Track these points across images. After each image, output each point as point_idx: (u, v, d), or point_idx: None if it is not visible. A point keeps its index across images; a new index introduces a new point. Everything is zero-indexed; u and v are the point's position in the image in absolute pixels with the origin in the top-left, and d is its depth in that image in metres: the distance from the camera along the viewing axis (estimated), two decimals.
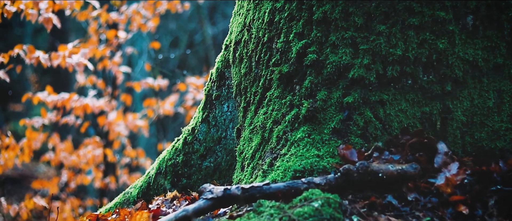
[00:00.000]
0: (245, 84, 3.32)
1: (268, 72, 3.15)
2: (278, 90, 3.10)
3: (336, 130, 2.88)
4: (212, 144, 3.54)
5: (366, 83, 2.90)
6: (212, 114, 3.57)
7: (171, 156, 3.64)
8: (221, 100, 3.56)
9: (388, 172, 2.61)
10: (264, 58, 3.19)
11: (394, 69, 2.88)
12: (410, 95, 2.89)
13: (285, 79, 3.07)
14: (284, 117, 3.04)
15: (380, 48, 2.89)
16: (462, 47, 2.87)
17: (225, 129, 3.52)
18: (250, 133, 3.19)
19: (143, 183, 3.70)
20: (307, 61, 2.99)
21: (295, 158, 2.85)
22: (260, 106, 3.18)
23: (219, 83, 3.59)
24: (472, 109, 2.85)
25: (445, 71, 2.84)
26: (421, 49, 2.86)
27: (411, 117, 2.88)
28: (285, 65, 3.08)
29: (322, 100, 2.94)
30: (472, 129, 2.84)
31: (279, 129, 3.02)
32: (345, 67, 2.92)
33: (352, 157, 2.81)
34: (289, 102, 3.03)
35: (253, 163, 3.07)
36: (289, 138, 2.96)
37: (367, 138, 2.86)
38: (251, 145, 3.15)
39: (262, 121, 3.12)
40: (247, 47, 3.32)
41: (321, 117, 2.92)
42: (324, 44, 2.97)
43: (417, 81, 2.87)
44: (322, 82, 2.95)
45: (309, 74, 3.00)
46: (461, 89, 2.84)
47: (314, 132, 2.91)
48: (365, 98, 2.89)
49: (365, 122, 2.87)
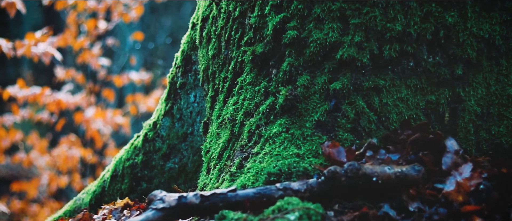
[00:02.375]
0: (213, 68, 2.78)
1: (239, 53, 2.63)
2: (250, 75, 2.58)
3: (321, 123, 2.41)
4: (176, 141, 3.02)
5: (358, 66, 2.48)
6: (176, 105, 3.05)
7: (129, 156, 3.12)
8: (187, 89, 3.04)
9: (384, 176, 2.31)
10: (235, 37, 2.67)
11: (392, 48, 2.47)
12: (412, 81, 2.52)
13: (259, 62, 2.56)
14: (258, 107, 2.52)
15: (375, 23, 2.44)
16: (476, 22, 2.52)
17: (191, 123, 3.00)
18: (218, 128, 2.66)
19: (97, 187, 3.18)
20: (285, 40, 2.49)
21: (270, 157, 2.37)
22: (230, 95, 2.66)
23: (185, 69, 3.06)
24: (488, 98, 2.53)
25: (455, 51, 2.51)
26: (425, 24, 2.51)
27: (413, 107, 2.50)
28: (260, 44, 2.56)
29: (303, 87, 2.45)
30: (489, 122, 2.53)
31: (251, 122, 2.50)
32: (332, 46, 2.45)
33: (340, 156, 2.38)
34: (263, 90, 2.52)
35: (220, 164, 2.56)
36: (263, 133, 2.45)
37: (358, 133, 2.44)
38: (219, 142, 2.62)
39: (231, 112, 2.60)
40: (215, 24, 2.79)
41: (302, 107, 2.43)
42: (307, 18, 2.48)
43: (421, 63, 2.52)
44: (304, 64, 2.46)
45: (288, 55, 2.49)
46: (474, 73, 2.53)
47: (294, 126, 2.41)
48: (357, 84, 2.45)
49: (357, 113, 2.43)
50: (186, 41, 3.10)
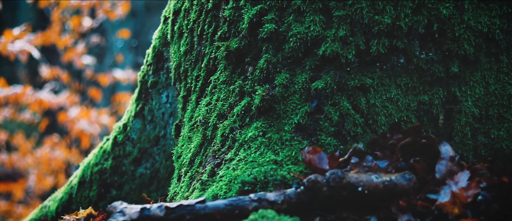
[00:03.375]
0: (185, 66, 2.55)
1: (213, 49, 2.40)
2: (224, 73, 2.34)
3: (301, 127, 2.20)
4: (148, 144, 2.79)
5: (343, 63, 2.27)
6: (147, 106, 2.82)
7: (98, 160, 2.89)
8: (158, 89, 2.80)
9: (371, 185, 2.12)
10: (209, 31, 2.44)
11: (380, 43, 2.27)
12: (402, 80, 2.32)
13: (234, 59, 2.33)
14: (232, 108, 2.29)
15: (362, 15, 2.23)
16: (474, 14, 2.32)
17: (164, 126, 2.78)
18: (190, 131, 2.43)
19: (64, 194, 2.95)
20: (262, 34, 2.27)
21: (245, 164, 2.16)
22: (203, 95, 2.43)
23: (156, 67, 2.83)
24: (487, 98, 2.33)
25: (450, 46, 2.30)
26: (417, 16, 2.30)
27: (404, 109, 2.30)
28: (234, 39, 2.32)
29: (282, 86, 2.22)
30: (487, 124, 2.32)
31: (225, 125, 2.27)
32: (314, 41, 2.25)
33: (322, 163, 2.16)
34: (238, 90, 2.29)
35: (191, 171, 2.33)
36: (237, 137, 2.22)
37: (343, 137, 2.23)
38: (190, 146, 2.39)
39: (204, 114, 2.37)
40: (187, 17, 2.55)
41: (281, 109, 2.20)
42: (286, 10, 2.26)
43: (412, 60, 2.31)
44: (283, 61, 2.23)
45: (265, 51, 2.26)
46: (471, 71, 2.32)
47: (271, 129, 2.19)
48: (341, 83, 2.23)
49: (341, 115, 2.22)
50: (158, 36, 2.87)
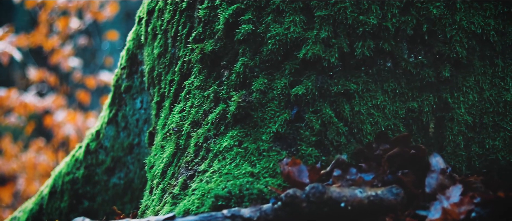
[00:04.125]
0: (159, 70, 2.38)
1: (187, 52, 2.23)
2: (199, 77, 2.18)
3: (280, 136, 2.04)
4: (121, 153, 2.63)
5: (325, 67, 2.11)
6: (121, 112, 2.66)
7: (69, 169, 2.73)
8: (132, 94, 2.64)
9: (354, 200, 1.95)
10: (183, 33, 2.28)
11: (365, 45, 2.11)
12: (389, 85, 2.16)
13: (208, 62, 2.16)
14: (207, 116, 2.12)
15: (345, 15, 2.06)
16: (466, 14, 2.16)
17: (138, 133, 2.61)
18: (163, 139, 2.27)
19: (34, 205, 2.79)
20: (239, 35, 2.11)
21: (219, 177, 1.99)
22: (177, 101, 2.25)
23: (130, 70, 2.66)
24: (481, 105, 2.17)
25: (441, 49, 2.15)
26: (405, 16, 2.14)
27: (391, 117, 2.15)
28: (210, 41, 2.16)
29: (259, 92, 2.06)
30: (482, 134, 2.17)
31: (198, 134, 2.11)
32: (294, 43, 2.08)
33: (301, 176, 2.00)
34: (213, 95, 2.13)
35: (163, 183, 2.17)
36: (211, 147, 2.06)
37: (325, 147, 2.08)
38: (163, 156, 2.23)
39: (177, 121, 2.20)
40: (161, 18, 2.39)
41: (258, 117, 2.05)
42: (264, 10, 2.10)
43: (400, 63, 2.16)
44: (261, 65, 2.07)
45: (242, 53, 2.10)
46: (464, 76, 2.17)
47: (248, 139, 2.03)
48: (323, 88, 2.09)
49: (323, 123, 2.06)
50: (132, 38, 2.70)
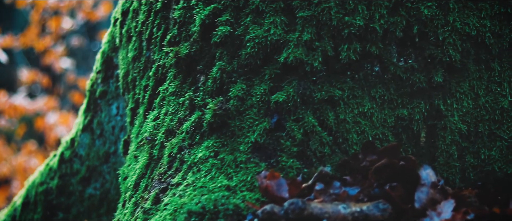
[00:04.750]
0: (134, 74, 2.23)
1: (162, 55, 2.07)
2: (174, 83, 2.03)
3: (259, 146, 1.88)
4: (97, 162, 2.47)
5: (307, 72, 1.93)
6: (96, 118, 2.49)
7: (43, 179, 2.57)
8: (108, 99, 2.48)
9: (337, 217, 1.79)
10: (158, 35, 2.12)
11: (351, 49, 1.94)
12: (377, 91, 1.99)
13: (184, 66, 2.01)
14: (181, 124, 1.97)
15: (330, 16, 1.89)
16: (460, 15, 1.99)
17: (114, 141, 2.45)
18: (136, 149, 2.12)
19: (6, 217, 2.63)
20: (216, 38, 1.94)
21: (193, 191, 1.84)
22: (151, 108, 2.09)
23: (105, 74, 2.50)
24: (476, 112, 2.00)
25: (433, 52, 1.99)
26: (394, 17, 1.98)
27: (379, 125, 1.98)
28: (185, 44, 2.01)
29: (237, 99, 1.90)
30: (477, 143, 2.00)
31: (172, 144, 1.96)
32: (275, 47, 1.92)
33: (281, 191, 1.84)
34: (188, 102, 1.97)
35: (136, 196, 2.01)
36: (186, 158, 1.90)
37: (308, 158, 1.91)
38: (136, 167, 2.07)
39: (151, 130, 2.04)
40: (136, 19, 2.24)
41: (236, 125, 1.89)
42: (243, 11, 1.94)
43: (389, 68, 1.99)
44: (239, 70, 1.92)
45: (219, 57, 1.94)
46: (458, 81, 2.00)
47: (224, 149, 1.87)
48: (306, 95, 1.91)
49: (305, 132, 1.89)
50: (107, 40, 2.54)
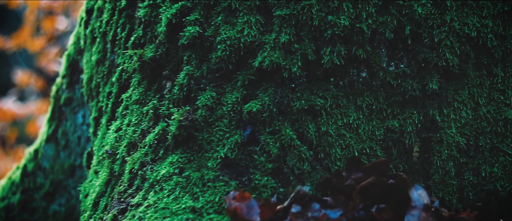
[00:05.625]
0: (97, 79, 2.01)
1: (126, 59, 1.85)
2: (138, 90, 1.81)
3: (229, 162, 1.66)
4: (62, 176, 2.25)
5: (285, 78, 1.69)
6: (61, 128, 2.28)
7: (4, 194, 2.36)
8: (73, 107, 2.26)
9: None
10: (122, 36, 1.90)
11: (335, 52, 1.70)
12: (364, 100, 1.76)
13: (148, 71, 1.79)
14: (144, 137, 1.74)
15: (311, 15, 1.67)
16: (459, 14, 1.76)
17: (80, 153, 2.23)
18: (98, 163, 1.90)
19: None
20: (183, 39, 1.72)
21: (154, 212, 1.64)
22: (114, 117, 1.87)
23: (71, 79, 2.29)
24: (476, 124, 1.77)
25: (428, 55, 1.75)
26: (384, 16, 1.74)
27: (366, 138, 1.75)
28: (150, 46, 1.79)
29: (206, 109, 1.68)
30: (477, 159, 1.76)
31: (134, 159, 1.73)
32: (249, 49, 1.70)
33: (251, 214, 1.65)
34: (153, 112, 1.75)
35: (94, 217, 1.80)
36: (148, 175, 1.68)
37: (284, 176, 1.68)
38: (96, 184, 1.84)
39: (112, 143, 1.82)
40: (100, 18, 2.02)
41: (204, 139, 1.66)
42: (214, 9, 1.71)
43: (378, 73, 1.76)
44: (209, 75, 1.70)
45: (186, 61, 1.72)
46: (456, 89, 1.77)
47: (190, 166, 1.66)
48: (283, 104, 1.67)
49: (282, 147, 1.66)
50: (73, 41, 2.32)
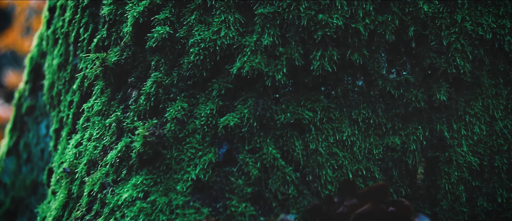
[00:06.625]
0: (59, 86, 1.78)
1: (88, 63, 1.60)
2: (101, 99, 1.56)
3: (202, 185, 1.42)
4: (24, 193, 2.02)
5: (268, 87, 1.46)
6: (23, 139, 2.04)
7: None
8: (36, 116, 2.02)
9: None
10: (84, 37, 1.66)
11: (326, 56, 1.48)
12: (361, 113, 1.52)
13: (112, 78, 1.54)
14: (106, 154, 1.50)
15: (298, 13, 1.44)
16: (471, 13, 1.52)
17: (43, 168, 1.99)
18: (56, 182, 1.65)
19: None
20: (152, 41, 1.48)
21: None
22: (75, 130, 1.63)
23: (34, 85, 2.05)
24: (491, 141, 1.52)
25: (435, 61, 1.51)
26: (384, 15, 1.51)
27: (362, 158, 1.52)
28: (115, 49, 1.55)
29: (176, 122, 1.44)
30: (492, 182, 1.51)
31: (94, 179, 1.50)
32: (226, 53, 1.46)
33: None
34: (116, 125, 1.51)
35: None
36: (108, 199, 1.45)
37: (266, 202, 1.47)
38: (53, 206, 1.60)
39: (71, 159, 1.57)
40: (62, 17, 1.77)
41: (173, 157, 1.43)
42: (186, 7, 1.48)
43: (376, 82, 1.53)
44: (180, 83, 1.46)
45: (155, 67, 1.48)
46: (468, 100, 1.53)
47: (156, 189, 1.42)
48: (265, 118, 1.45)
49: (264, 167, 1.43)
50: (37, 43, 2.08)
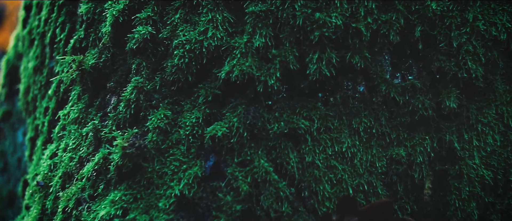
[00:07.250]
0: (34, 91, 1.64)
1: (65, 66, 1.47)
2: (78, 106, 1.43)
3: (187, 202, 1.32)
4: (0, 205, 1.86)
5: (259, 93, 1.34)
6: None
7: None
8: (13, 123, 1.89)
9: None
10: (61, 38, 1.53)
11: (324, 59, 1.36)
12: (362, 121, 1.40)
13: (90, 83, 1.41)
14: (82, 166, 1.36)
15: (293, 11, 1.32)
16: (484, 11, 1.40)
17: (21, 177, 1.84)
18: (30, 196, 1.51)
19: None
20: (132, 43, 1.36)
21: None
22: (50, 139, 1.50)
23: (10, 89, 1.92)
24: (506, 153, 1.40)
25: (444, 64, 1.39)
26: (387, 13, 1.38)
27: (363, 171, 1.39)
28: (92, 51, 1.42)
29: (159, 132, 1.31)
30: (507, 197, 1.39)
31: (69, 194, 1.37)
32: (214, 56, 1.35)
33: None
34: (93, 135, 1.38)
35: None
36: (84, 216, 1.33)
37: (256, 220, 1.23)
38: None
39: (45, 172, 1.44)
40: (38, 16, 1.64)
41: (155, 171, 1.30)
42: (170, 4, 1.35)
43: (379, 87, 1.40)
44: (163, 89, 1.34)
45: (136, 71, 1.36)
46: (480, 107, 1.41)
47: (136, 206, 1.30)
48: (257, 127, 1.34)
49: (255, 182, 1.33)
50: (14, 44, 1.94)
